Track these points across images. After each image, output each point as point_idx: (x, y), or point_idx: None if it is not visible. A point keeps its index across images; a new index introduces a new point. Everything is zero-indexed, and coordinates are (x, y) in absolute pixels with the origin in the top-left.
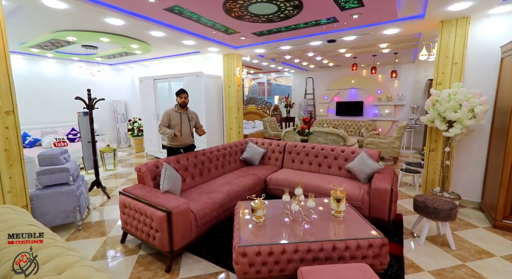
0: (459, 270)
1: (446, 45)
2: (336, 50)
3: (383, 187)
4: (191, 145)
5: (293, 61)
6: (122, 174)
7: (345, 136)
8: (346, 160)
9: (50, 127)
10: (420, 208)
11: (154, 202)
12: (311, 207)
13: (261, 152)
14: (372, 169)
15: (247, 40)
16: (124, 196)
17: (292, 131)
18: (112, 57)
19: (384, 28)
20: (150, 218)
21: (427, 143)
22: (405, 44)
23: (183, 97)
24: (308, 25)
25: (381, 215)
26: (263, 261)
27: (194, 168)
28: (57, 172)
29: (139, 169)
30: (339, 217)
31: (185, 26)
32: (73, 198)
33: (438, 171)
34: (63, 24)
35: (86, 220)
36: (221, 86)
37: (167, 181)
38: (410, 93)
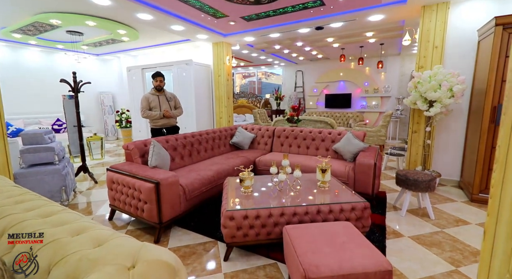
0: (437, 235)
1: (427, 30)
2: (324, 40)
3: (367, 162)
4: (174, 126)
5: (282, 52)
6: (110, 162)
7: (333, 124)
8: (333, 141)
9: (34, 118)
10: (401, 181)
11: (142, 175)
12: (298, 176)
13: (250, 136)
14: (357, 148)
15: (236, 26)
16: (112, 172)
17: (282, 120)
18: (99, 45)
19: (369, 14)
20: (139, 190)
21: (410, 124)
22: (390, 33)
23: (158, 81)
24: (296, 9)
25: (365, 189)
26: (250, 224)
27: (183, 148)
28: (41, 150)
29: (127, 146)
30: (325, 187)
31: (173, 8)
32: (58, 177)
33: (420, 152)
34: (46, 5)
35: (72, 202)
36: (211, 75)
37: (156, 157)
38: (396, 85)
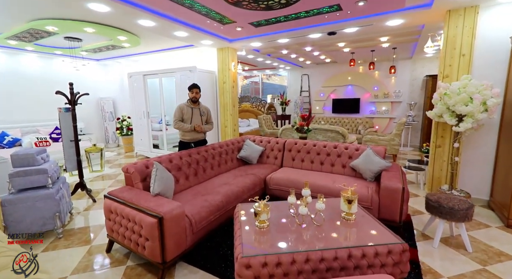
0: (480, 275)
1: (453, 36)
2: (334, 44)
3: (394, 186)
4: (203, 140)
5: (289, 57)
6: (110, 175)
7: (344, 133)
8: (350, 158)
9: (32, 126)
10: (433, 208)
11: (143, 206)
12: (321, 209)
13: (259, 150)
14: (379, 167)
15: (243, 31)
16: (110, 200)
17: (290, 128)
18: (99, 51)
19: (388, 19)
20: (139, 225)
21: (432, 138)
22: (405, 38)
23: (194, 92)
24: (309, 14)
25: (391, 216)
26: (270, 273)
27: (188, 167)
28: (33, 173)
29: (127, 169)
30: (351, 219)
31: (177, 14)
32: (52, 202)
33: (445, 168)
34: (41, 11)
35: (68, 226)
36: (215, 82)
37: (158, 182)
38: (407, 90)
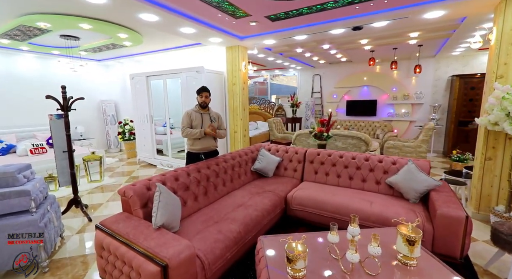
0: None
1: (510, 29)
2: (356, 42)
3: (454, 213)
4: (214, 150)
5: (303, 56)
6: (110, 186)
7: (367, 140)
8: (386, 173)
9: (28, 132)
10: (504, 242)
11: (142, 247)
12: (376, 254)
13: (276, 161)
14: (426, 186)
15: (257, 27)
16: (102, 233)
17: (306, 134)
18: (98, 50)
19: (427, 10)
20: (137, 272)
21: (481, 149)
22: (438, 33)
23: (204, 96)
24: (338, 5)
25: (449, 251)
26: None
27: (197, 185)
28: (12, 196)
29: (124, 192)
30: (412, 265)
31: (184, 7)
32: (35, 231)
33: (496, 184)
34: (29, 5)
35: (57, 254)
36: (224, 84)
37: (162, 211)
38: (429, 91)
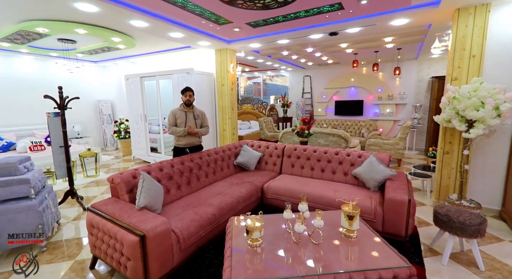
0: None
1: (462, 36)
2: (337, 45)
3: (400, 198)
4: (198, 145)
5: (290, 58)
6: (105, 180)
7: (347, 137)
8: (353, 165)
9: (27, 130)
10: (442, 222)
11: (125, 222)
12: (319, 226)
13: (257, 155)
14: (383, 176)
15: (241, 32)
16: (92, 214)
17: (290, 132)
18: (94, 52)
19: (393, 18)
20: (120, 243)
21: (440, 144)
22: (411, 38)
23: (188, 95)
24: (309, 14)
25: (396, 230)
26: None
27: (180, 176)
28: (14, 183)
29: (112, 179)
30: (352, 237)
31: (170, 15)
32: (34, 214)
33: (453, 176)
34: (29, 13)
35: (55, 237)
36: (213, 84)
37: (145, 195)
38: (412, 92)
